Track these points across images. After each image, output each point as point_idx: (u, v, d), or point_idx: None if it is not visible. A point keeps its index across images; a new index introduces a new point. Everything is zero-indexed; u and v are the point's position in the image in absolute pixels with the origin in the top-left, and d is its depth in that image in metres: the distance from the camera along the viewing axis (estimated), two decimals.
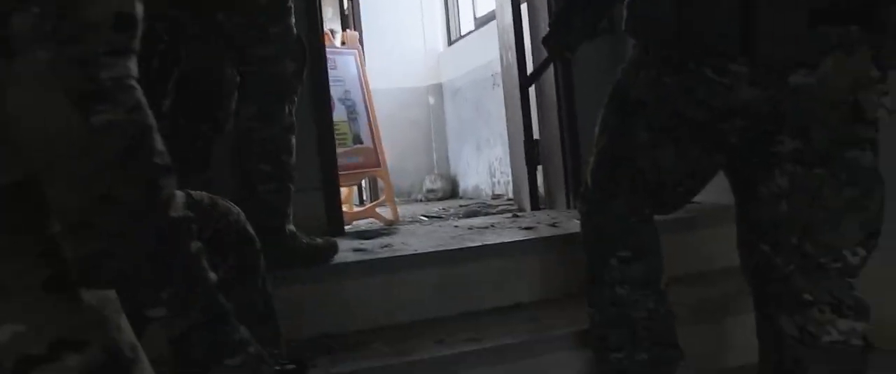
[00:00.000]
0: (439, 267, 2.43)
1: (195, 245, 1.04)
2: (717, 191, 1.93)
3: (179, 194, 1.21)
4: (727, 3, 1.55)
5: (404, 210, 4.15)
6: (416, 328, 2.34)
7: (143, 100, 0.98)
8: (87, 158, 0.92)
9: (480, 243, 2.49)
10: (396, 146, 4.96)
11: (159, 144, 0.99)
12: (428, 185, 4.73)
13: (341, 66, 3.80)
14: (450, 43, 5.61)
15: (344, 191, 3.77)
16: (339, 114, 3.71)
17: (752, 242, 1.75)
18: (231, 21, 2.17)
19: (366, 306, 2.38)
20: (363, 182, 3.76)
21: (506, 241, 2.49)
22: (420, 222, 3.68)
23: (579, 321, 2.13)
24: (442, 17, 5.61)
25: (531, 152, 3.45)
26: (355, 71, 3.85)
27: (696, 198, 1.93)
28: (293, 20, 2.29)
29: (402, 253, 2.43)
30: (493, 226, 2.91)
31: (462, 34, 5.79)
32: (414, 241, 2.68)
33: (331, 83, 3.76)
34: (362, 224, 3.66)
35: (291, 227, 2.33)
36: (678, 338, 1.98)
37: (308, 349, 2.21)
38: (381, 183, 3.91)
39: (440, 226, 3.08)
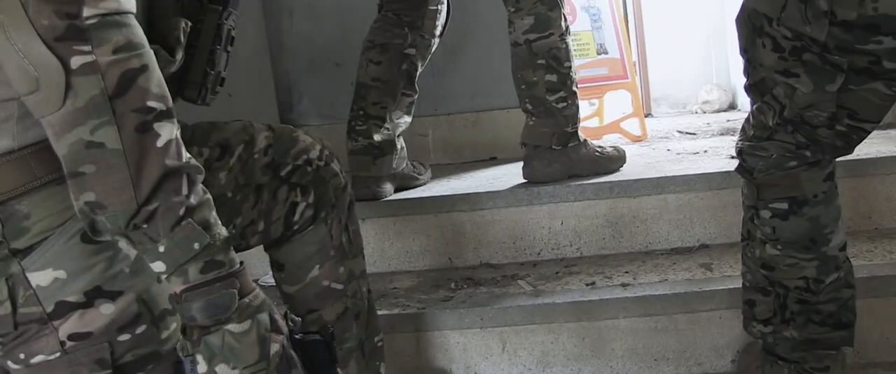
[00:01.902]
0: (612, 199, 2.19)
1: (199, 197, 0.97)
2: None
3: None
4: None
5: (668, 124, 3.81)
6: (577, 265, 2.15)
7: (137, 37, 0.93)
8: (70, 100, 0.89)
9: (661, 175, 2.19)
10: (669, 55, 4.54)
11: (156, 85, 0.94)
12: (703, 96, 4.29)
13: None
14: None
15: (590, 106, 3.54)
16: (581, 23, 3.47)
17: None
18: None
19: (528, 236, 2.22)
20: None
21: (688, 174, 2.17)
22: (669, 137, 3.37)
23: None
24: None
25: None
26: None
27: None
28: None
29: (570, 183, 2.21)
30: (706, 151, 2.55)
31: None
32: None
33: None
34: (608, 141, 3.42)
35: (581, 135, 2.34)
36: (853, 316, 1.59)
37: (455, 279, 2.13)
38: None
39: (654, 148, 2.77)
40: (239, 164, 1.37)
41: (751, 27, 1.41)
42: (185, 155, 0.97)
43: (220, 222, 1.00)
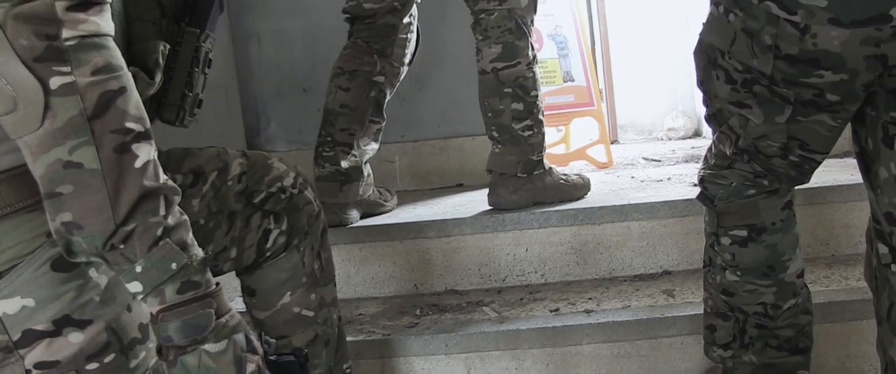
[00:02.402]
0: (577, 226, 2.21)
1: (176, 218, 0.98)
2: None
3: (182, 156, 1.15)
4: None
5: (634, 150, 3.86)
6: (542, 291, 2.17)
7: (115, 59, 0.94)
8: (49, 120, 0.89)
9: (625, 202, 2.22)
10: (635, 83, 4.60)
11: (134, 106, 0.94)
12: (669, 123, 4.35)
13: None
14: None
15: (557, 133, 3.58)
16: (548, 51, 3.51)
17: (871, 238, 1.35)
18: None
19: (493, 263, 2.23)
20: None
21: (652, 201, 2.20)
22: (635, 164, 3.40)
23: None
24: None
25: None
26: (567, 4, 3.60)
27: None
28: None
29: (535, 210, 2.23)
30: (669, 179, 2.58)
31: None
32: None
33: (541, 18, 3.57)
34: (574, 168, 3.45)
35: (546, 163, 2.36)
36: (809, 342, 1.62)
37: (421, 305, 2.13)
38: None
39: (618, 176, 2.81)
40: (212, 190, 1.37)
41: (706, 60, 1.45)
42: (163, 176, 0.97)
43: (196, 244, 1.01)
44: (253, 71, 3.00)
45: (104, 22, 0.94)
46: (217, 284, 1.03)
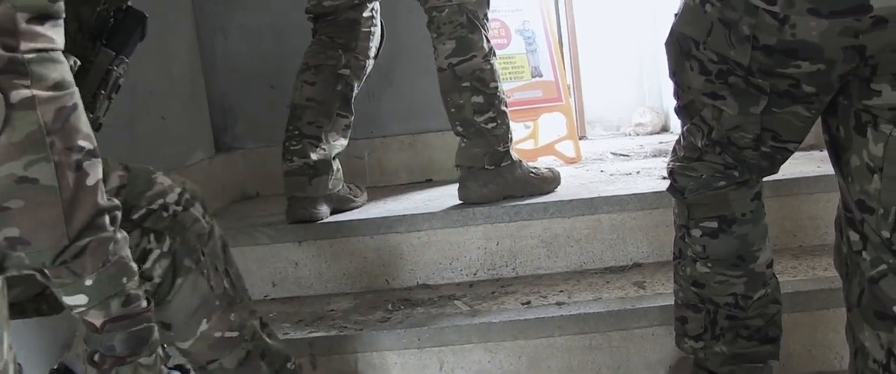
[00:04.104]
0: (547, 219, 2.21)
1: (121, 234, 0.99)
2: None
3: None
4: None
5: (602, 146, 3.87)
6: (513, 285, 2.17)
7: (68, 75, 0.93)
8: (7, 134, 0.87)
9: (594, 195, 2.23)
10: (602, 79, 4.63)
11: (84, 124, 0.94)
12: (636, 119, 4.37)
13: None
14: None
15: (525, 128, 3.58)
16: (516, 46, 3.51)
17: (841, 226, 1.36)
18: None
19: (464, 257, 2.23)
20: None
21: (621, 194, 2.21)
22: (603, 159, 3.42)
23: None
24: None
25: None
26: (536, 0, 3.61)
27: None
28: None
29: (505, 204, 2.24)
30: (638, 172, 2.60)
31: None
32: None
33: (508, 13, 3.58)
34: (543, 163, 3.46)
35: (514, 155, 2.35)
36: (779, 331, 1.64)
37: (392, 300, 2.12)
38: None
39: (588, 170, 2.82)
40: None
41: (679, 50, 1.45)
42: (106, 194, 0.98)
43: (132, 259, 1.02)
44: (219, 66, 2.97)
45: (58, 37, 0.92)
46: (149, 300, 1.06)
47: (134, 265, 1.01)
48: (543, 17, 3.63)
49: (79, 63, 1.18)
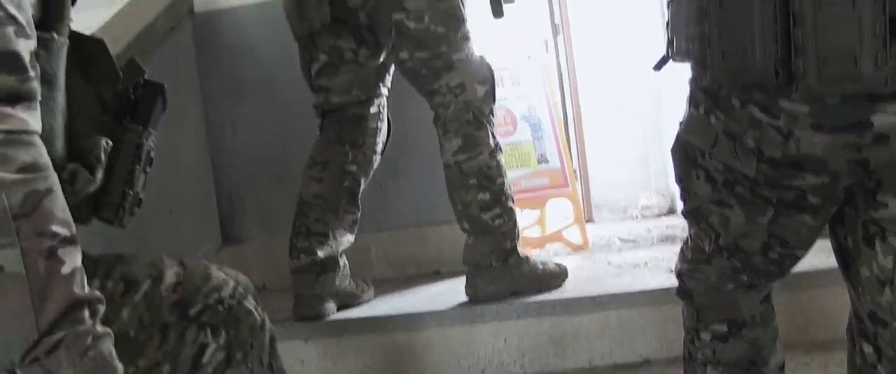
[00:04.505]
0: (555, 316, 2.20)
1: (102, 329, 0.94)
2: None
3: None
4: (761, 8, 1.15)
5: (609, 230, 3.86)
6: None
7: (43, 158, 0.90)
8: None
9: (602, 291, 2.21)
10: (609, 162, 4.64)
11: (61, 209, 0.90)
12: (643, 201, 4.37)
13: (525, 82, 3.62)
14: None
15: (532, 215, 3.58)
16: (522, 134, 3.54)
17: (853, 335, 1.35)
18: (414, 57, 2.23)
19: (473, 355, 2.21)
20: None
21: (630, 291, 2.19)
22: (610, 246, 3.41)
23: None
24: (661, 20, 5.13)
25: None
26: (541, 87, 3.65)
27: None
28: (472, 45, 2.32)
29: (513, 301, 2.22)
30: (646, 264, 2.59)
31: None
32: None
33: (514, 100, 3.61)
34: (550, 250, 3.45)
35: (522, 251, 2.34)
36: None
37: None
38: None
39: (595, 261, 2.81)
40: (145, 301, 1.29)
41: (685, 158, 1.46)
42: (87, 286, 0.93)
43: (117, 359, 0.96)
44: (228, 157, 2.99)
45: (32, 119, 0.90)
46: None
47: (118, 364, 0.94)
48: (548, 103, 3.66)
49: (110, 144, 1.19)
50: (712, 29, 1.21)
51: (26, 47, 0.90)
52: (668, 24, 1.41)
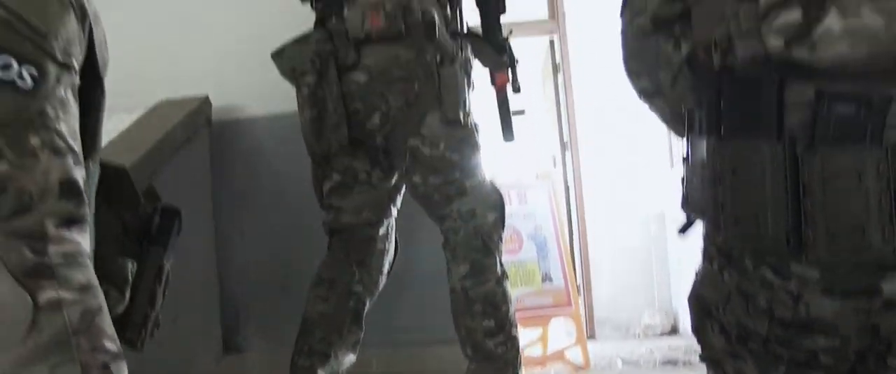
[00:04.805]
0: None
1: None
2: None
3: None
4: (773, 177, 1.18)
5: (611, 349, 3.85)
6: None
7: (94, 278, 0.95)
8: (33, 336, 0.88)
9: None
10: (612, 277, 4.66)
11: (109, 326, 0.95)
12: (646, 320, 4.37)
13: (532, 200, 3.67)
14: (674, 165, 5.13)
15: (534, 333, 3.58)
16: (527, 253, 3.58)
17: None
18: (427, 182, 2.27)
19: None
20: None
21: None
22: (612, 367, 3.39)
23: None
24: (666, 137, 5.19)
25: None
26: (547, 205, 3.70)
27: None
28: (484, 171, 2.35)
29: None
30: None
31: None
32: None
33: (521, 218, 3.65)
34: (550, 372, 3.43)
35: None
36: None
37: None
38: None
39: None
40: None
41: (700, 308, 1.47)
42: None
43: None
44: (234, 267, 3.01)
45: (84, 241, 0.95)
46: None
47: None
48: (555, 222, 3.71)
49: (135, 265, 1.23)
50: (726, 195, 1.24)
51: (80, 175, 0.97)
52: (683, 179, 1.44)
